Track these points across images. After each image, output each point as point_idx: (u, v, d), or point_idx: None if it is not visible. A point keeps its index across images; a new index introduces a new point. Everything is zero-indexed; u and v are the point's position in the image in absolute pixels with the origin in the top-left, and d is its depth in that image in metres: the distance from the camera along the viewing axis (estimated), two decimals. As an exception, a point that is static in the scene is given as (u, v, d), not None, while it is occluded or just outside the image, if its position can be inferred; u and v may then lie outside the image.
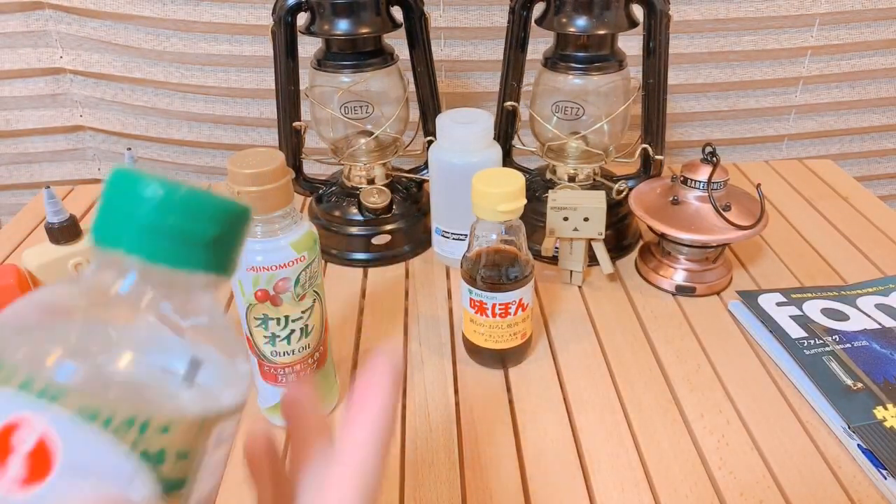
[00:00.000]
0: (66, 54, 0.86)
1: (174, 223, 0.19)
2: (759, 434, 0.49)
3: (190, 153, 0.93)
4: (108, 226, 0.20)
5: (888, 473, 0.44)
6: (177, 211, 0.19)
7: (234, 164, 0.41)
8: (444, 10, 0.83)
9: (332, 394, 0.51)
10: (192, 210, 0.20)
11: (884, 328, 0.57)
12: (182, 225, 0.19)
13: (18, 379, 0.18)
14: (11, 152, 0.92)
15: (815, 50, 0.89)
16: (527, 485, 0.45)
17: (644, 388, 0.53)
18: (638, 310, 0.62)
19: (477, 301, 0.52)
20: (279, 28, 0.64)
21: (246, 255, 0.42)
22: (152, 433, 0.18)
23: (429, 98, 0.71)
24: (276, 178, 0.41)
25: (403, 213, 0.70)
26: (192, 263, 0.20)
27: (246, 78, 0.86)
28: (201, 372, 0.20)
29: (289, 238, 0.42)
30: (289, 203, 0.43)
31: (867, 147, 0.99)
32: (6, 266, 0.52)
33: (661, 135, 0.69)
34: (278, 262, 0.42)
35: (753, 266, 0.68)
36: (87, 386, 0.18)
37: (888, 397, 0.49)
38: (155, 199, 0.19)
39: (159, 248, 0.19)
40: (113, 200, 0.20)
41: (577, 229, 0.61)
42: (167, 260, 0.20)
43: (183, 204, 0.19)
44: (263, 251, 0.42)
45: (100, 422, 0.18)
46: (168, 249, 0.20)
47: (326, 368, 0.49)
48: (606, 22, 0.61)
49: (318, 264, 0.45)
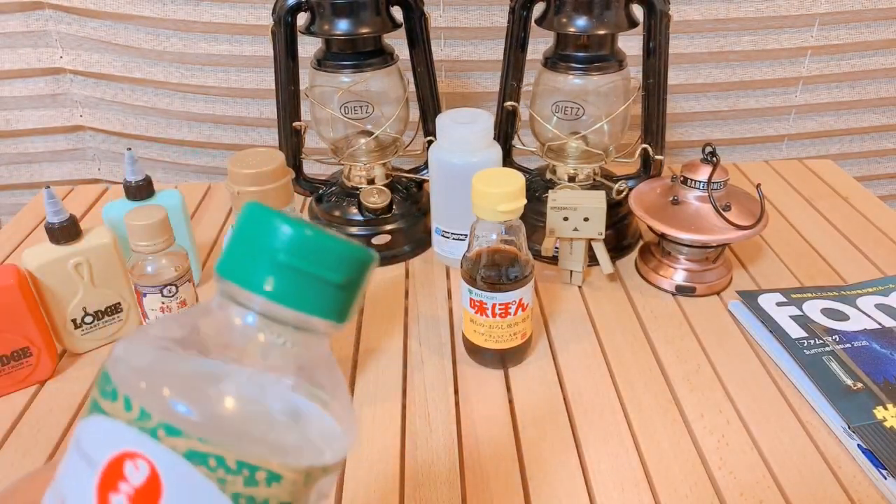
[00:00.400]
0: (66, 54, 0.86)
1: (305, 266, 0.19)
2: (759, 434, 0.49)
3: (190, 153, 0.93)
4: (237, 260, 0.19)
5: (888, 473, 0.44)
6: (309, 254, 0.19)
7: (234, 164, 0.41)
8: (444, 10, 0.83)
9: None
10: (324, 254, 0.19)
11: (884, 328, 0.57)
12: (312, 268, 0.19)
13: (134, 414, 0.18)
14: (11, 152, 0.92)
15: (815, 50, 0.89)
16: (527, 485, 0.45)
17: (644, 388, 0.53)
18: (638, 310, 0.62)
19: (477, 301, 0.52)
20: (279, 28, 0.64)
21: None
22: (260, 482, 0.18)
23: (429, 98, 0.71)
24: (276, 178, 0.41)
25: (403, 213, 0.70)
26: (314, 308, 0.19)
27: (246, 78, 0.86)
28: (310, 423, 0.20)
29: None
30: (289, 203, 0.43)
31: (867, 147, 0.99)
32: (6, 266, 0.52)
33: (661, 135, 0.69)
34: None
35: (753, 266, 0.68)
36: (199, 427, 0.18)
37: (888, 397, 0.49)
38: (289, 240, 0.18)
39: (286, 289, 0.19)
40: (245, 235, 0.19)
41: (577, 229, 0.61)
42: (292, 302, 0.19)
43: (316, 247, 0.19)
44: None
45: (208, 466, 0.17)
46: (294, 291, 0.19)
47: (326, 368, 0.49)
48: (606, 22, 0.61)
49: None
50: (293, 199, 0.43)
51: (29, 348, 0.53)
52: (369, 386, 0.54)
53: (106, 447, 0.18)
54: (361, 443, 0.49)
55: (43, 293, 0.53)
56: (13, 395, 0.53)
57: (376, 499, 0.45)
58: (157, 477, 0.17)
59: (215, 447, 0.18)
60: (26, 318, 0.52)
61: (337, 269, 0.19)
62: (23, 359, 0.53)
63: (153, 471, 0.17)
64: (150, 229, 0.50)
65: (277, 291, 0.19)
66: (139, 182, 0.59)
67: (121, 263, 0.56)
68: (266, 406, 0.19)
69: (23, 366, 0.53)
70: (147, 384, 0.18)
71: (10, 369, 0.53)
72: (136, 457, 0.17)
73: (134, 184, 0.59)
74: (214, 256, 0.71)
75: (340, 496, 0.45)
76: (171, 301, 0.52)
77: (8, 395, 0.53)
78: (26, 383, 0.54)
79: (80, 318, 0.56)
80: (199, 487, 0.17)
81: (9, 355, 0.52)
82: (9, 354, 0.52)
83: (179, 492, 0.17)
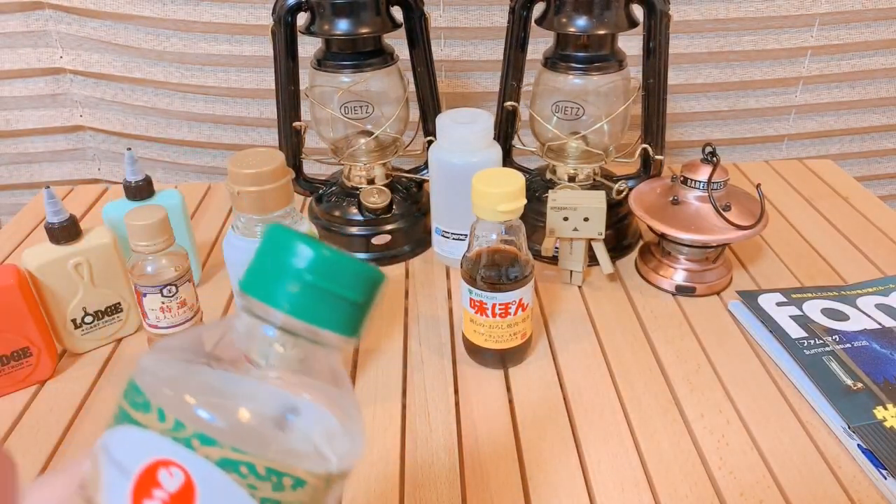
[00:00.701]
0: (66, 54, 0.86)
1: (323, 284, 0.20)
2: (759, 434, 0.49)
3: (190, 153, 0.93)
4: (259, 276, 0.21)
5: (888, 473, 0.44)
6: (327, 273, 0.20)
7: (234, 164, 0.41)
8: (444, 10, 0.83)
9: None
10: (340, 273, 0.20)
11: (884, 328, 0.57)
12: (330, 286, 0.20)
13: (168, 424, 0.19)
14: (11, 152, 0.92)
15: (815, 50, 0.89)
16: (527, 485, 0.45)
17: (644, 388, 0.53)
18: (638, 310, 0.62)
19: (477, 301, 0.52)
20: (279, 28, 0.64)
21: (246, 254, 0.42)
22: (286, 487, 0.19)
23: (429, 98, 0.71)
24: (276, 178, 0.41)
25: (403, 213, 0.70)
26: (331, 324, 0.21)
27: (246, 78, 0.86)
28: (327, 432, 0.21)
29: (289, 238, 0.42)
30: (289, 203, 0.43)
31: (867, 147, 0.99)
32: (6, 266, 0.52)
33: (661, 135, 0.69)
34: (278, 262, 0.42)
35: (753, 266, 0.68)
36: (231, 437, 0.19)
37: (888, 397, 0.49)
38: (309, 259, 0.20)
39: (305, 305, 0.20)
40: (267, 253, 0.21)
41: (577, 229, 0.61)
42: (310, 317, 0.20)
43: (334, 267, 0.20)
44: (263, 251, 0.42)
45: (239, 473, 0.19)
46: (312, 307, 0.20)
47: (326, 368, 0.49)
48: (606, 22, 0.61)
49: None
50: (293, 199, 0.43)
51: (29, 348, 0.53)
52: (369, 386, 0.54)
53: (139, 456, 0.19)
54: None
55: (43, 293, 0.53)
56: (13, 395, 0.53)
57: (376, 499, 0.45)
58: (192, 484, 0.18)
59: (246, 455, 0.19)
60: (26, 318, 0.52)
61: (352, 288, 0.21)
62: (23, 359, 0.53)
63: (187, 478, 0.18)
64: (150, 229, 0.50)
65: (297, 307, 0.20)
66: (139, 182, 0.59)
67: (121, 263, 0.56)
68: (289, 416, 0.21)
69: (23, 366, 0.53)
70: (179, 396, 0.20)
71: (10, 369, 0.53)
72: (171, 465, 0.19)
73: (134, 184, 0.59)
74: (214, 256, 0.71)
75: (341, 496, 0.45)
76: (171, 301, 0.52)
77: (8, 395, 0.53)
78: (26, 383, 0.54)
79: (80, 318, 0.56)
80: (230, 493, 0.19)
81: (9, 355, 0.52)
82: (9, 354, 0.52)
83: (212, 497, 0.19)
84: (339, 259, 0.20)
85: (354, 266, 0.21)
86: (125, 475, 0.19)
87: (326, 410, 0.22)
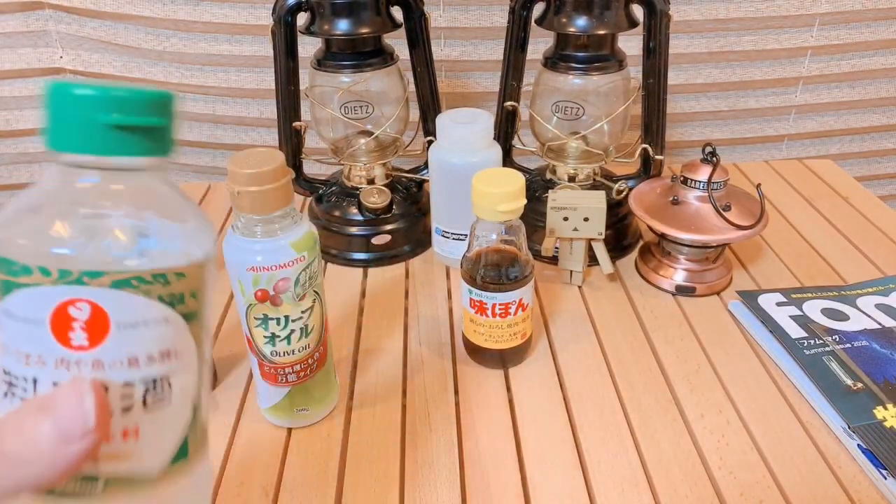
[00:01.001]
0: (66, 54, 0.86)
1: (114, 118, 0.22)
2: (759, 434, 0.49)
3: (190, 153, 0.93)
4: (57, 132, 0.23)
5: (888, 473, 0.44)
6: (115, 106, 0.22)
7: (234, 164, 0.41)
8: (444, 10, 0.83)
9: (332, 394, 0.51)
10: (128, 103, 0.23)
11: (884, 328, 0.57)
12: (122, 118, 0.23)
13: (54, 275, 0.22)
14: (11, 152, 0.92)
15: (815, 50, 0.89)
16: (527, 485, 0.45)
17: (644, 388, 0.53)
18: (638, 310, 0.62)
19: (477, 301, 0.52)
20: (279, 28, 0.64)
21: (246, 254, 0.42)
22: (172, 281, 0.24)
23: (429, 98, 0.71)
24: (276, 178, 0.41)
25: (403, 213, 0.70)
26: (137, 150, 0.23)
27: (246, 78, 0.86)
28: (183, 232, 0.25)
29: (289, 238, 0.42)
30: (289, 203, 0.42)
31: (867, 147, 0.99)
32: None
33: (661, 135, 0.69)
34: (278, 262, 0.42)
35: (753, 266, 0.68)
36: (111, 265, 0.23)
37: (888, 397, 0.49)
38: (92, 100, 0.22)
39: (106, 142, 0.23)
40: (55, 109, 0.23)
41: (577, 229, 0.61)
42: (115, 151, 0.23)
43: (119, 99, 0.22)
44: (263, 251, 0.42)
45: (131, 286, 0.23)
46: (114, 142, 0.23)
47: (326, 368, 0.49)
48: (606, 22, 0.61)
49: (318, 264, 0.45)
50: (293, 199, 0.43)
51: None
52: (369, 386, 0.54)
53: (44, 306, 0.22)
54: (362, 443, 0.49)
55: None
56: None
57: (376, 499, 0.45)
58: (99, 307, 0.22)
59: (129, 273, 0.23)
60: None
61: (149, 114, 0.23)
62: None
63: (93, 305, 0.22)
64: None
65: (107, 146, 0.23)
66: (139, 182, 0.59)
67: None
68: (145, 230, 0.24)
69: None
70: (52, 251, 0.22)
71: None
72: (75, 302, 0.22)
73: (134, 184, 0.59)
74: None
75: (341, 496, 0.45)
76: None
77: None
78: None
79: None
80: (132, 302, 0.23)
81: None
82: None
83: (120, 310, 0.23)
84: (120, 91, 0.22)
85: (143, 95, 0.23)
86: (39, 325, 0.22)
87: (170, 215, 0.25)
